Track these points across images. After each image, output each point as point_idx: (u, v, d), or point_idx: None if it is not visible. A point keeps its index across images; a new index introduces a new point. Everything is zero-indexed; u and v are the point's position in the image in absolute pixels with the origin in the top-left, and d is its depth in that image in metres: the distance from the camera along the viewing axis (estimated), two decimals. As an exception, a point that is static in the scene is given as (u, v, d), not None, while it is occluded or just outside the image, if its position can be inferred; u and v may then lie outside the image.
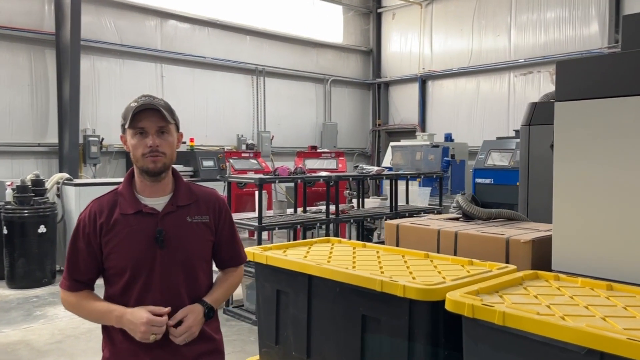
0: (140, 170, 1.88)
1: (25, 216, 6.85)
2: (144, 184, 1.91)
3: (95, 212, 1.88)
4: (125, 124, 1.88)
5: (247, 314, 5.60)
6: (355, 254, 2.77)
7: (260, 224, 5.36)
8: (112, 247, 1.85)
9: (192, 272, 1.92)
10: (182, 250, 1.88)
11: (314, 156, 11.49)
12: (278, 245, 2.94)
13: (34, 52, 9.23)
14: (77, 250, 1.88)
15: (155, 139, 1.84)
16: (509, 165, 9.36)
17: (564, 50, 10.81)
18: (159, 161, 1.85)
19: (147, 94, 1.95)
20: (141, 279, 1.84)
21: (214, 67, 11.57)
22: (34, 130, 9.28)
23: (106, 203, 1.90)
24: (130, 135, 1.88)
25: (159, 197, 1.92)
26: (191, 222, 1.92)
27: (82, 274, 1.89)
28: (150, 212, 1.88)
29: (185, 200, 1.94)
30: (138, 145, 1.85)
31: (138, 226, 1.85)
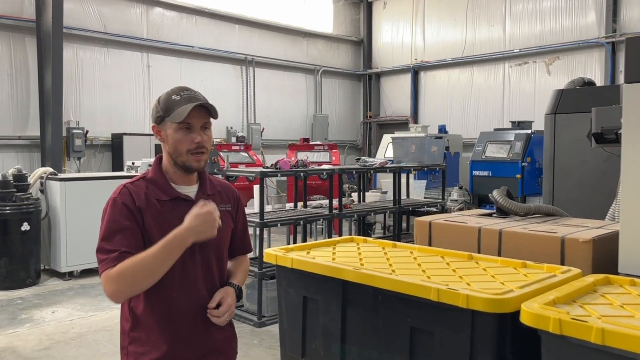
0: (181, 165, 1.86)
1: (7, 213, 6.44)
2: (176, 174, 1.90)
3: (134, 193, 1.83)
4: (165, 115, 1.84)
5: (247, 314, 5.31)
6: (387, 255, 2.50)
7: (262, 220, 5.07)
8: (151, 231, 1.80)
9: (221, 258, 1.98)
10: (214, 237, 1.84)
11: (307, 149, 11.19)
12: (300, 246, 2.66)
13: (13, 40, 8.76)
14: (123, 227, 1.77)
15: (202, 135, 1.84)
16: (507, 157, 9.18)
17: (560, 40, 10.66)
18: (202, 160, 1.87)
19: (185, 87, 1.90)
20: (180, 263, 1.79)
21: (202, 57, 11.19)
22: (14, 122, 8.83)
23: (142, 187, 1.86)
24: (173, 129, 1.83)
25: (189, 185, 1.93)
26: (219, 209, 1.89)
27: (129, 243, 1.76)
28: (186, 198, 1.89)
29: (211, 189, 1.99)
30: (183, 140, 1.82)
31: (175, 212, 1.83)
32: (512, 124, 10.10)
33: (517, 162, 8.98)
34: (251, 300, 5.44)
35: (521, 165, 8.95)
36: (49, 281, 6.86)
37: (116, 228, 1.77)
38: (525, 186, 9.02)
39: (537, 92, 11.10)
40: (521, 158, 8.97)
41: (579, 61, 10.49)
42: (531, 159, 9.04)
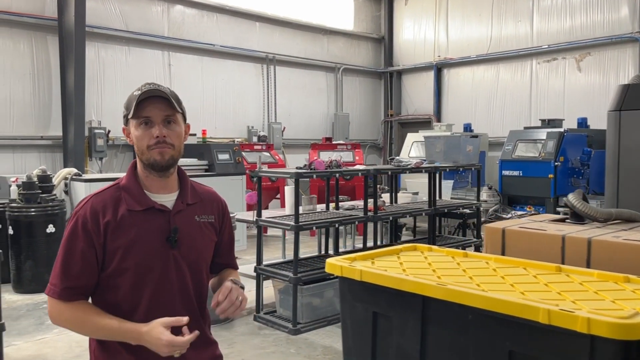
0: (146, 164, 1.71)
1: (32, 215, 6.31)
2: (150, 180, 1.75)
3: (98, 209, 1.68)
4: (128, 114, 1.72)
5: (281, 321, 5.12)
6: (462, 266, 2.28)
7: (297, 223, 4.87)
8: (119, 247, 1.66)
9: (199, 274, 1.81)
10: (193, 251, 1.77)
11: (329, 148, 10.98)
12: (362, 255, 2.45)
13: (35, 39, 8.64)
14: (75, 252, 1.65)
15: (162, 129, 1.69)
16: (539, 156, 8.90)
17: (591, 36, 10.34)
18: (166, 153, 1.70)
19: (151, 82, 1.77)
20: (153, 280, 1.69)
21: (223, 55, 11.01)
22: (36, 122, 8.72)
23: (109, 199, 1.71)
24: (134, 126, 1.71)
25: (167, 193, 1.77)
26: (199, 221, 1.81)
27: (80, 280, 1.66)
28: (162, 208, 1.73)
29: (192, 198, 1.83)
30: (143, 136, 1.69)
31: (148, 224, 1.70)
32: (541, 122, 9.81)
33: (550, 161, 8.70)
34: (284, 305, 5.25)
35: (554, 164, 8.67)
36: (73, 284, 6.72)
37: (69, 252, 1.66)
38: (557, 186, 8.74)
39: (566, 89, 10.78)
40: (554, 157, 8.69)
41: (611, 57, 10.16)
42: (564, 158, 8.75)
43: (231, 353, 4.48)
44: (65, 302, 1.66)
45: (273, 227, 5.34)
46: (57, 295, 1.65)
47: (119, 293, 1.69)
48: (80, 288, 1.67)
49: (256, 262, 5.31)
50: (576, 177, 8.91)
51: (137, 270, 1.68)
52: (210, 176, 7.92)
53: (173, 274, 1.72)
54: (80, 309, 1.66)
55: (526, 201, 9.19)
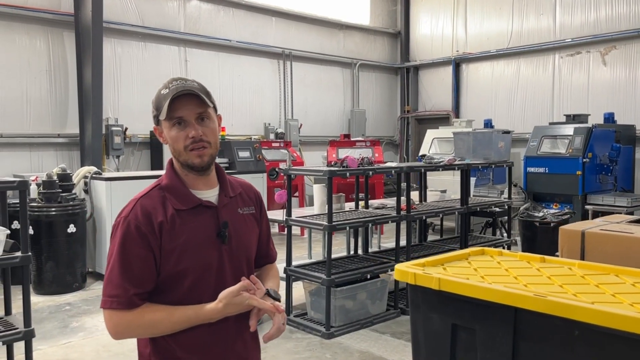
0: (184, 165, 1.67)
1: (53, 215, 6.17)
2: (191, 178, 1.71)
3: (148, 210, 1.64)
4: (158, 114, 1.66)
5: (313, 324, 4.95)
6: (544, 273, 2.09)
7: (330, 223, 4.68)
8: (174, 248, 1.62)
9: (249, 266, 1.80)
10: (242, 244, 1.76)
11: (347, 145, 10.78)
12: (431, 261, 2.26)
13: (51, 35, 8.49)
14: (133, 257, 1.60)
15: (197, 128, 1.64)
16: (566, 153, 8.66)
17: (616, 29, 10.06)
18: (205, 154, 1.66)
19: (177, 77, 1.71)
20: (211, 278, 1.66)
21: (239, 51, 10.83)
22: (53, 120, 8.58)
23: (157, 199, 1.67)
24: (167, 127, 1.66)
25: (209, 189, 1.74)
26: (242, 213, 1.79)
27: (144, 285, 1.61)
28: (208, 205, 1.70)
29: (233, 190, 1.80)
30: (178, 138, 1.64)
31: (198, 222, 1.67)
32: (566, 118, 9.56)
33: (578, 158, 8.46)
34: (316, 308, 5.07)
35: (582, 161, 8.43)
36: (94, 285, 6.58)
37: (127, 260, 1.59)
38: (586, 184, 8.50)
39: (591, 84, 10.52)
40: (582, 154, 8.45)
41: (638, 50, 9.89)
42: (592, 154, 8.51)
43: (265, 358, 4.31)
44: (133, 311, 1.60)
45: (304, 227, 5.15)
46: (124, 305, 1.58)
47: (178, 294, 1.65)
48: (144, 294, 1.62)
49: (286, 263, 5.13)
50: (604, 174, 8.67)
51: (195, 270, 1.65)
52: (231, 174, 7.74)
53: (228, 269, 1.70)
54: (149, 311, 1.61)
55: (552, 199, 8.96)
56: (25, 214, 3.63)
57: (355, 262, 5.29)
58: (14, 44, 8.13)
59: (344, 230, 6.06)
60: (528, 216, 6.57)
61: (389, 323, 5.13)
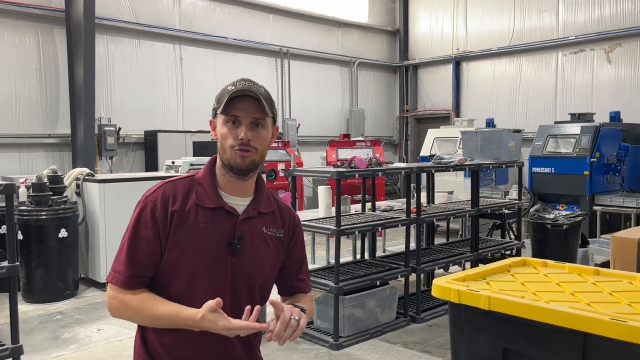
0: (226, 163, 1.63)
1: (43, 219, 5.86)
2: (226, 179, 1.66)
3: (169, 197, 1.62)
4: (218, 108, 1.65)
5: (320, 334, 4.68)
6: (605, 288, 1.84)
7: (338, 228, 4.42)
8: (181, 241, 1.59)
9: (257, 289, 1.69)
10: (253, 263, 1.65)
11: (347, 145, 10.55)
12: (472, 274, 2.01)
13: (41, 31, 8.18)
14: (141, 238, 1.59)
15: (247, 132, 1.60)
16: (573, 152, 8.45)
17: (621, 26, 9.88)
18: (248, 157, 1.61)
19: (247, 79, 1.67)
20: (206, 284, 1.60)
21: (236, 49, 10.56)
22: (44, 119, 8.27)
23: (181, 188, 1.65)
24: (221, 123, 1.64)
25: (241, 197, 1.67)
26: (266, 233, 1.70)
27: (143, 268, 1.60)
28: (231, 211, 1.64)
29: (265, 207, 1.72)
30: (227, 135, 1.61)
31: (213, 224, 1.61)
32: (571, 117, 9.35)
33: (585, 157, 8.25)
34: (323, 317, 4.81)
35: (589, 161, 8.22)
36: (87, 292, 6.28)
37: (136, 240, 1.60)
38: (593, 184, 8.30)
39: (595, 82, 10.33)
40: (590, 153, 8.24)
41: (643, 48, 9.71)
42: (600, 154, 8.31)
43: (270, 372, 4.04)
44: (129, 291, 1.59)
45: (309, 231, 4.89)
46: (121, 283, 1.59)
47: (170, 290, 1.60)
48: (145, 278, 1.61)
49: (290, 270, 4.85)
50: (612, 174, 8.47)
51: (192, 271, 1.60)
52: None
53: (228, 284, 1.62)
54: (142, 297, 1.59)
55: (558, 199, 8.75)
56: (12, 220, 3.34)
57: (363, 268, 5.04)
58: (2, 40, 7.82)
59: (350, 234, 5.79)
60: (539, 218, 6.33)
61: (399, 332, 4.87)
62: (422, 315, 5.13)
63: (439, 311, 5.27)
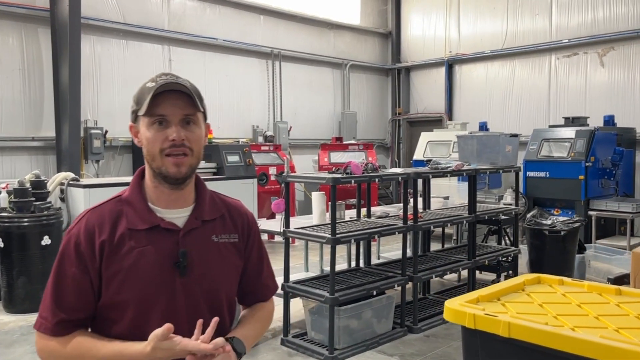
0: (157, 172, 1.43)
1: (25, 225, 5.64)
2: (159, 191, 1.46)
3: (94, 226, 1.43)
4: (138, 109, 1.43)
5: (314, 346, 4.50)
6: (631, 311, 1.69)
7: (334, 236, 4.26)
8: (116, 273, 1.41)
9: (218, 306, 1.51)
10: (208, 279, 1.48)
11: (340, 149, 10.40)
12: (486, 295, 1.85)
13: (25, 31, 7.93)
14: (66, 278, 1.42)
15: (180, 131, 1.41)
16: (568, 156, 8.37)
17: (614, 29, 9.83)
18: (183, 164, 1.42)
19: (168, 72, 1.49)
20: (158, 316, 1.41)
21: (226, 50, 10.36)
22: (27, 122, 8.02)
23: (108, 214, 1.45)
24: (146, 125, 1.42)
25: (179, 208, 1.48)
26: (217, 242, 1.52)
27: (73, 311, 1.42)
28: (169, 227, 1.45)
29: (211, 213, 1.53)
30: (155, 139, 1.41)
31: (152, 246, 1.43)
32: (565, 120, 9.27)
33: (580, 161, 8.17)
34: (317, 328, 4.63)
35: (585, 165, 8.14)
36: (72, 301, 6.05)
37: (60, 282, 1.41)
38: (588, 188, 8.21)
39: (588, 86, 10.27)
40: (585, 157, 8.16)
41: (637, 51, 9.66)
42: (595, 158, 8.23)
43: (263, 388, 3.86)
44: (59, 338, 1.41)
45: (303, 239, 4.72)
46: (49, 330, 1.41)
47: (119, 328, 1.43)
48: (77, 320, 1.43)
49: (283, 279, 4.69)
50: (607, 179, 8.39)
51: (138, 303, 1.42)
52: (219, 180, 7.29)
53: (182, 308, 1.44)
54: (77, 342, 1.41)
55: (552, 204, 8.66)
56: (-12, 230, 3.12)
57: (358, 277, 4.87)
58: (-16, 40, 7.57)
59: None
60: (536, 224, 6.22)
61: (396, 343, 4.72)
62: (419, 325, 4.98)
63: (436, 321, 5.13)
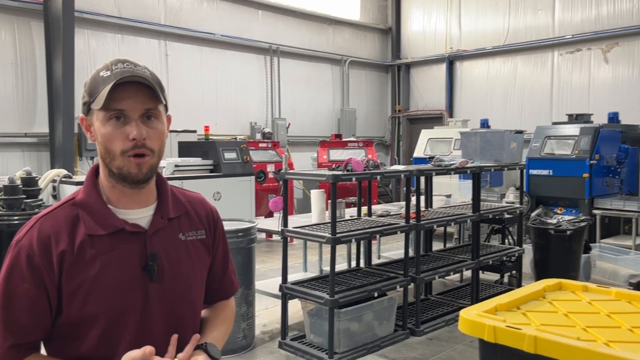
0: (116, 173, 1.29)
1: (16, 224, 5.43)
2: (117, 191, 1.33)
3: (49, 235, 1.27)
4: (91, 101, 1.29)
5: (313, 350, 4.34)
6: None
7: (334, 235, 4.09)
8: (80, 285, 1.25)
9: (191, 309, 1.42)
10: (181, 281, 1.37)
11: (339, 146, 10.24)
12: (504, 303, 1.69)
13: (18, 24, 7.75)
14: (18, 297, 1.24)
15: (141, 128, 1.27)
16: (572, 154, 8.21)
17: (619, 25, 9.67)
18: (144, 164, 1.29)
19: (124, 59, 1.32)
20: (130, 327, 1.29)
21: (224, 46, 10.18)
22: (20, 117, 7.84)
23: (64, 220, 1.29)
24: (101, 120, 1.28)
25: (140, 208, 1.36)
26: (185, 240, 1.41)
27: (27, 333, 1.26)
28: (134, 230, 1.32)
29: (176, 209, 1.42)
30: (113, 136, 1.27)
31: (117, 252, 1.29)
32: (568, 117, 9.11)
33: (585, 159, 8.01)
34: (316, 331, 4.47)
35: (589, 163, 7.98)
36: (64, 302, 5.88)
37: (10, 300, 1.24)
38: (593, 187, 8.05)
39: (592, 82, 10.11)
40: (589, 155, 8.00)
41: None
42: (599, 156, 8.07)
43: (260, 394, 3.70)
44: None
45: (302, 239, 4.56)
46: None
47: (83, 346, 1.28)
48: (30, 344, 1.28)
49: (282, 280, 4.52)
50: (611, 177, 8.24)
51: (108, 315, 1.27)
52: (216, 177, 7.12)
53: (157, 314, 1.33)
54: None
55: (556, 202, 8.51)
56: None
57: (359, 278, 4.71)
58: (-25, 33, 7.39)
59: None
60: (540, 223, 6.06)
61: (398, 346, 4.56)
62: (422, 327, 4.82)
63: (439, 323, 4.97)
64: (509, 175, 9.49)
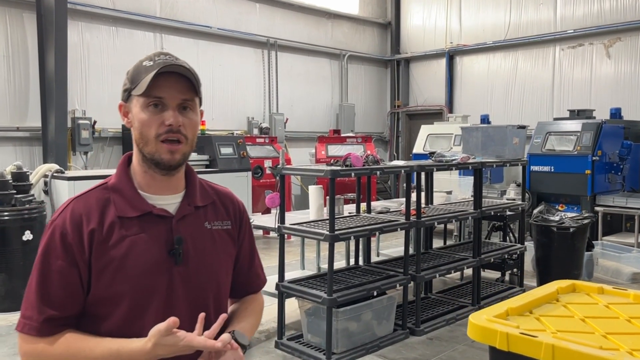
0: (149, 158, 1.33)
1: (6, 220, 5.32)
2: (149, 177, 1.37)
3: (81, 215, 1.32)
4: (132, 88, 1.34)
5: (311, 350, 4.22)
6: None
7: (332, 232, 3.96)
8: (108, 264, 1.30)
9: (215, 296, 1.42)
10: (206, 267, 1.40)
11: (337, 141, 10.12)
12: (516, 307, 1.56)
13: (10, 16, 7.59)
14: (52, 272, 1.29)
15: (177, 116, 1.32)
16: (574, 150, 8.08)
17: (621, 19, 9.53)
18: (178, 151, 1.34)
19: (166, 52, 1.38)
20: (155, 307, 1.32)
21: (220, 39, 10.03)
22: (12, 111, 7.68)
23: (95, 202, 1.34)
24: (140, 106, 1.33)
25: (169, 194, 1.39)
26: (211, 229, 1.43)
27: (61, 308, 1.29)
28: (162, 214, 1.36)
29: (203, 199, 1.45)
30: (150, 122, 1.32)
31: (145, 234, 1.33)
32: (570, 113, 8.99)
33: (587, 155, 7.89)
34: (313, 331, 4.35)
35: (591, 159, 7.86)
36: (55, 300, 5.75)
37: (46, 276, 1.30)
38: (595, 183, 7.94)
39: (594, 78, 9.98)
40: (591, 151, 7.88)
41: (644, 42, 9.37)
42: (602, 152, 7.95)
43: (255, 396, 3.58)
44: (47, 338, 1.29)
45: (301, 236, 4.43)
46: (35, 331, 1.29)
47: (109, 324, 1.32)
48: (65, 318, 1.32)
49: (278, 278, 4.40)
50: (614, 173, 8.12)
51: (133, 295, 1.32)
52: (212, 172, 6.99)
53: (181, 297, 1.36)
54: (66, 341, 1.30)
55: (557, 199, 8.39)
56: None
57: (358, 276, 4.59)
58: (-35, 25, 7.23)
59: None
60: (543, 220, 5.94)
61: (397, 346, 4.44)
62: (422, 327, 4.70)
63: (439, 322, 4.85)
64: (510, 172, 9.36)
